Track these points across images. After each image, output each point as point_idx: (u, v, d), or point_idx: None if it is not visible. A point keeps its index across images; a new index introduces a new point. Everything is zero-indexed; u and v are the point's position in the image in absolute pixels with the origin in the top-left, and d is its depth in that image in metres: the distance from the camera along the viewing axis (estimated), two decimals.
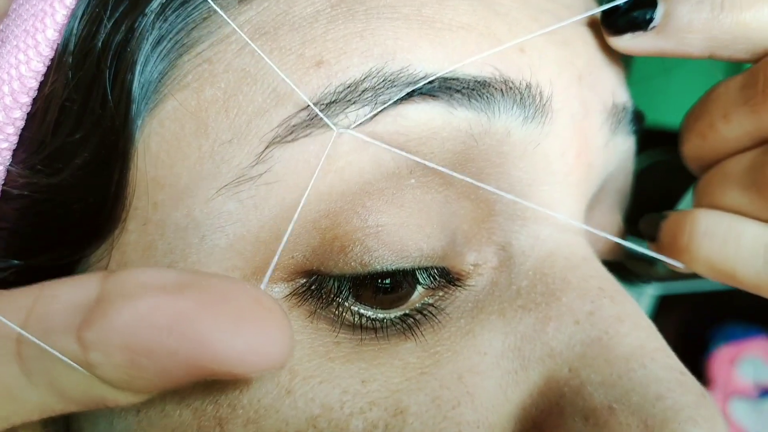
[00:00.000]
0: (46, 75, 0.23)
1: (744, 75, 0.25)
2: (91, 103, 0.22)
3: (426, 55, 0.22)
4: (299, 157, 0.21)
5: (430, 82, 0.21)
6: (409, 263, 0.22)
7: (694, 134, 0.27)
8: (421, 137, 0.22)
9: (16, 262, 0.23)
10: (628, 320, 0.22)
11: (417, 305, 0.23)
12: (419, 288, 0.23)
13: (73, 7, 0.22)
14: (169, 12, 0.22)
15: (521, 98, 0.23)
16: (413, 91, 0.21)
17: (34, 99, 0.23)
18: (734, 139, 0.26)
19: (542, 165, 0.24)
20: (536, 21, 0.24)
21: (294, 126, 0.21)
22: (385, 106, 0.21)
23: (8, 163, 0.23)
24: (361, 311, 0.22)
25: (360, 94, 0.21)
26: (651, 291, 1.04)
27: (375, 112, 0.21)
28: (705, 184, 0.27)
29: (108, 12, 0.22)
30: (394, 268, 0.22)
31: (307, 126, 0.21)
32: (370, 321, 0.22)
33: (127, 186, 0.22)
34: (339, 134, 0.21)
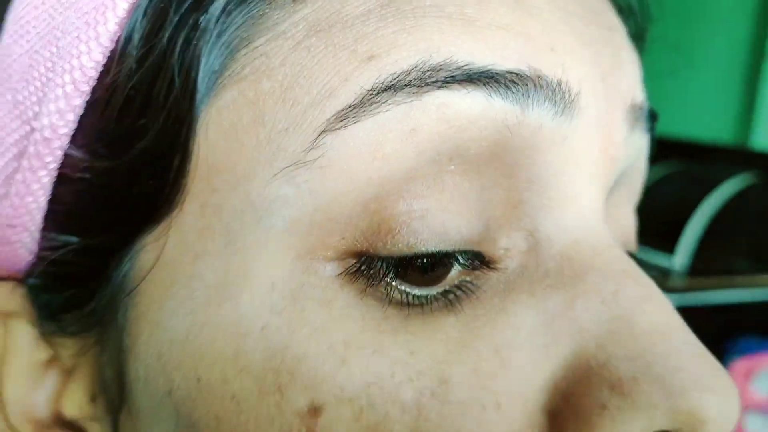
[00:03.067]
0: (107, 65, 0.24)
1: None
2: (155, 93, 0.23)
3: (468, 47, 0.23)
4: (349, 143, 0.22)
5: (471, 73, 0.23)
6: (450, 246, 0.23)
7: None
8: (461, 125, 0.23)
9: (74, 239, 0.24)
10: (651, 300, 0.24)
11: (456, 282, 0.24)
12: (456, 267, 0.24)
13: (133, 1, 0.24)
14: (231, 8, 0.23)
15: (552, 94, 0.24)
16: (455, 78, 0.23)
17: (93, 88, 0.24)
18: None
19: (570, 157, 0.25)
20: (566, 23, 0.25)
21: (345, 115, 0.22)
22: (427, 91, 0.22)
23: (67, 148, 0.24)
24: (407, 289, 0.23)
25: (408, 84, 0.22)
26: None
27: (419, 97, 0.22)
28: None
29: (173, 8, 0.23)
30: (436, 250, 0.23)
31: (355, 115, 0.22)
32: (414, 297, 0.23)
33: (186, 172, 0.23)
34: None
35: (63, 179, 0.24)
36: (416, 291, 0.23)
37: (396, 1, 0.23)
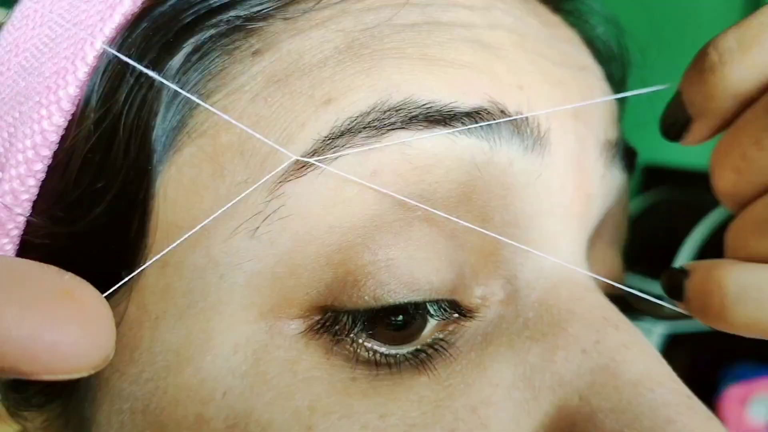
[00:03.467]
0: (68, 129, 0.24)
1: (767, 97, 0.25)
2: (113, 155, 0.23)
3: (429, 86, 0.23)
4: (309, 189, 0.22)
5: (431, 111, 0.22)
6: (420, 296, 0.22)
7: (726, 169, 0.26)
8: (425, 165, 0.22)
9: None
10: (634, 347, 0.23)
11: (428, 340, 0.23)
12: (431, 322, 0.23)
13: (94, 64, 0.24)
14: (188, 66, 0.23)
15: (519, 129, 0.23)
16: (416, 117, 0.22)
17: (55, 152, 0.24)
18: None
19: (545, 196, 0.24)
20: (534, 63, 0.25)
21: (302, 162, 0.22)
22: (387, 132, 0.22)
23: (29, 214, 0.24)
24: (375, 347, 0.22)
25: (366, 125, 0.22)
26: (659, 330, 1.03)
27: (379, 141, 0.22)
28: (736, 231, 0.26)
29: (130, 68, 0.23)
30: (405, 301, 0.22)
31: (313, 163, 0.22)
32: (384, 357, 0.22)
33: (146, 232, 0.23)
34: (295, 161, 0.22)
35: (26, 245, 0.24)
36: (384, 350, 0.22)
37: (354, 47, 0.23)
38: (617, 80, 0.34)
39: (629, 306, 0.30)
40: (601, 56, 0.32)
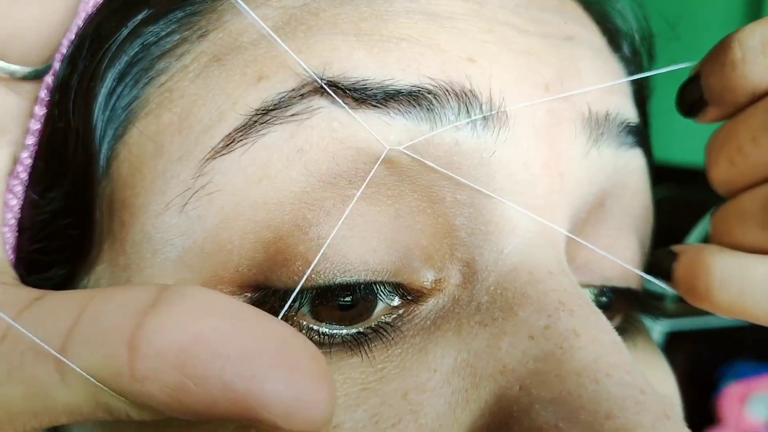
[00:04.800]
0: (45, 117, 0.24)
1: None
2: (70, 135, 0.24)
3: (362, 63, 0.22)
4: (235, 166, 0.22)
5: (365, 90, 0.22)
6: (353, 277, 0.22)
7: (722, 158, 0.27)
8: (357, 147, 0.22)
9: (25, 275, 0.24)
10: (585, 334, 0.21)
11: (373, 324, 0.22)
12: (380, 305, 0.23)
13: (65, 53, 0.24)
14: (131, 48, 0.24)
15: (467, 107, 0.23)
16: (347, 95, 0.22)
17: (36, 140, 0.24)
18: (764, 165, 0.25)
19: (502, 174, 0.23)
20: (489, 32, 0.24)
21: (231, 138, 0.22)
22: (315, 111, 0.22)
23: (21, 199, 0.24)
24: (312, 326, 0.22)
25: (296, 102, 0.22)
26: (660, 328, 1.03)
27: (306, 117, 0.22)
28: (722, 219, 0.27)
29: (82, 55, 0.24)
30: (337, 282, 0.22)
31: (242, 138, 0.22)
32: (318, 335, 0.22)
33: (94, 209, 0.24)
34: (388, 151, 0.22)
35: (20, 227, 0.25)
36: (323, 329, 0.22)
37: (290, 24, 0.23)
38: (638, 59, 0.32)
39: (634, 301, 0.30)
40: (617, 32, 0.31)
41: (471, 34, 0.24)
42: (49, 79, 0.24)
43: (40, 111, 0.24)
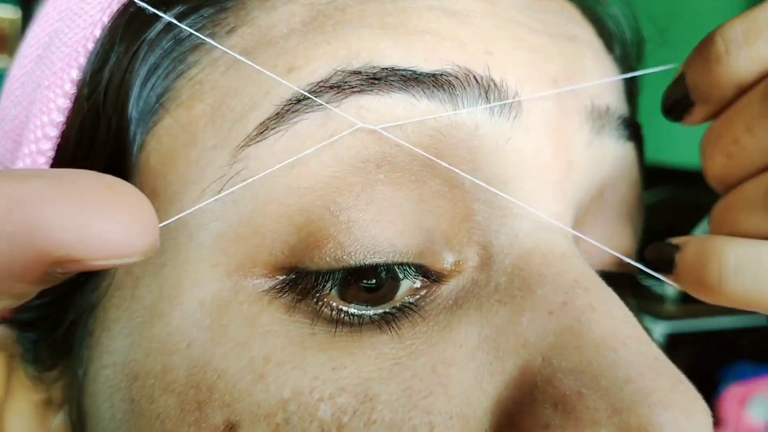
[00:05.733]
0: (71, 109, 0.25)
1: (765, 83, 0.25)
2: (100, 129, 0.24)
3: (389, 52, 0.23)
4: (269, 152, 0.22)
5: (391, 75, 0.23)
6: (382, 258, 0.23)
7: (717, 152, 0.27)
8: (386, 129, 0.23)
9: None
10: (601, 308, 0.22)
11: (397, 304, 0.23)
12: (403, 286, 0.23)
13: (92, 48, 0.25)
14: (165, 41, 0.24)
15: (486, 92, 0.24)
16: (374, 82, 0.23)
17: (61, 131, 0.25)
18: (762, 153, 0.25)
19: (516, 160, 0.24)
20: (504, 30, 0.25)
21: (265, 126, 0.23)
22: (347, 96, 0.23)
23: None
24: (341, 307, 0.23)
25: (326, 91, 0.23)
26: (659, 329, 1.03)
27: (337, 103, 0.23)
28: (723, 210, 0.27)
29: (115, 46, 0.25)
30: (367, 263, 0.23)
31: (275, 126, 0.23)
32: (348, 316, 0.23)
33: None
34: (355, 130, 0.23)
35: None
36: (353, 309, 0.23)
37: (318, 19, 0.24)
38: (628, 61, 0.33)
39: (631, 287, 0.30)
40: (610, 35, 0.32)
41: (487, 30, 0.25)
42: (73, 72, 0.25)
43: (65, 104, 0.25)
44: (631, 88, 0.31)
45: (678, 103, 0.27)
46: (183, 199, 0.23)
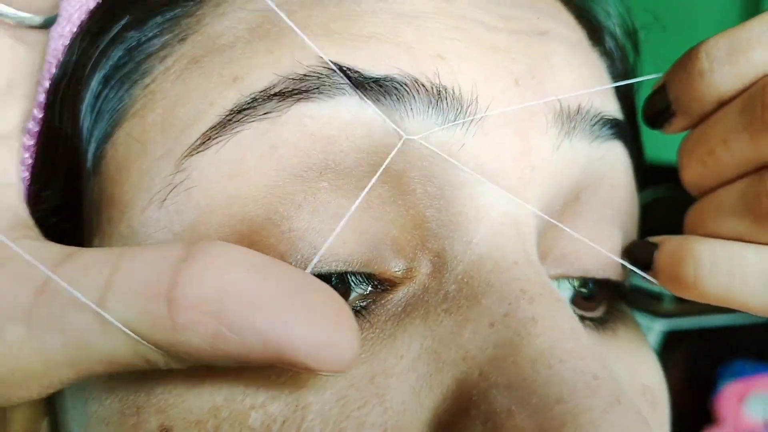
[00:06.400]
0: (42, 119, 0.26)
1: (742, 99, 0.25)
2: (59, 137, 0.25)
3: (332, 59, 0.23)
4: (210, 162, 0.23)
5: (335, 81, 0.23)
6: (324, 268, 0.22)
7: (694, 160, 0.28)
8: (329, 135, 0.23)
9: None
10: (543, 321, 0.22)
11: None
12: (354, 292, 0.23)
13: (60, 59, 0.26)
14: (115, 53, 0.25)
15: (437, 100, 0.23)
16: (318, 89, 0.23)
17: (36, 141, 0.25)
18: (735, 165, 0.26)
19: (471, 166, 0.24)
20: (459, 30, 0.25)
21: (207, 136, 0.23)
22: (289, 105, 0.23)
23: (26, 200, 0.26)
24: None
25: (268, 101, 0.23)
26: (658, 327, 1.03)
27: (280, 113, 0.23)
28: (697, 213, 0.28)
29: (72, 57, 0.25)
30: (310, 272, 0.22)
31: (217, 136, 0.23)
32: None
33: (83, 207, 0.25)
34: (405, 141, 0.23)
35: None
36: None
37: (264, 26, 0.24)
38: (621, 53, 0.33)
39: (617, 292, 0.30)
40: (599, 27, 0.32)
41: (438, 32, 0.24)
42: (46, 83, 0.25)
43: (39, 114, 0.25)
44: (624, 86, 0.31)
45: (659, 113, 0.28)
46: (133, 207, 0.23)
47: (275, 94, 0.23)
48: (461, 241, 0.23)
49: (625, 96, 0.31)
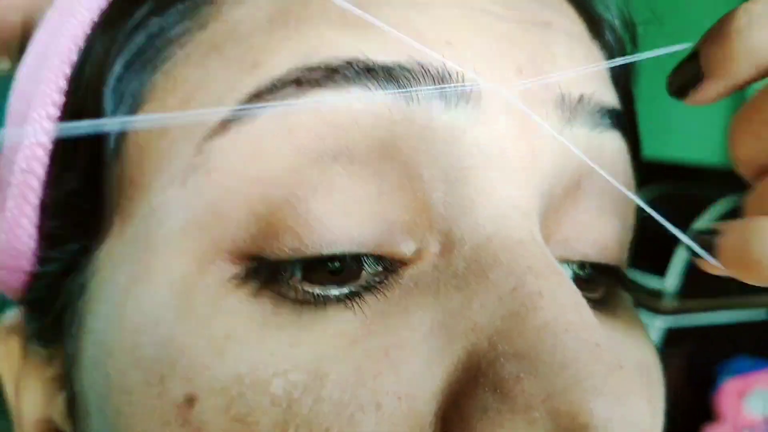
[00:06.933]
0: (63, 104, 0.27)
1: None
2: (84, 118, 0.26)
3: (347, 47, 0.24)
4: (232, 145, 0.23)
5: (347, 69, 0.23)
6: (339, 249, 0.23)
7: (748, 135, 0.26)
8: (342, 123, 0.23)
9: (49, 253, 0.27)
10: (549, 294, 0.23)
11: (363, 283, 0.24)
12: (366, 270, 0.24)
13: (81, 45, 0.27)
14: (138, 38, 0.26)
15: (441, 84, 0.24)
16: (332, 77, 0.23)
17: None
18: None
19: (473, 151, 0.24)
20: (466, 18, 0.25)
21: (228, 119, 0.24)
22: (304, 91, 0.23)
23: (41, 180, 0.27)
24: (306, 288, 0.23)
25: (287, 86, 0.24)
26: (658, 324, 1.04)
27: (297, 98, 0.23)
28: (759, 198, 0.26)
29: (95, 42, 0.26)
30: (326, 253, 0.23)
31: (236, 120, 0.24)
32: (312, 297, 0.23)
33: (105, 187, 0.26)
34: (509, 92, 0.24)
35: (43, 205, 0.28)
36: (317, 290, 0.23)
37: (283, 14, 0.25)
38: (620, 46, 0.33)
39: (614, 276, 0.30)
40: (598, 19, 0.32)
41: (448, 20, 0.25)
42: (65, 68, 0.26)
43: (60, 99, 0.26)
44: (622, 76, 0.31)
45: (688, 82, 0.27)
46: (155, 187, 0.24)
47: (292, 81, 0.23)
48: (468, 222, 0.24)
49: (623, 88, 0.32)
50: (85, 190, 0.26)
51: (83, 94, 0.26)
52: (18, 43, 0.35)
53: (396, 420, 0.22)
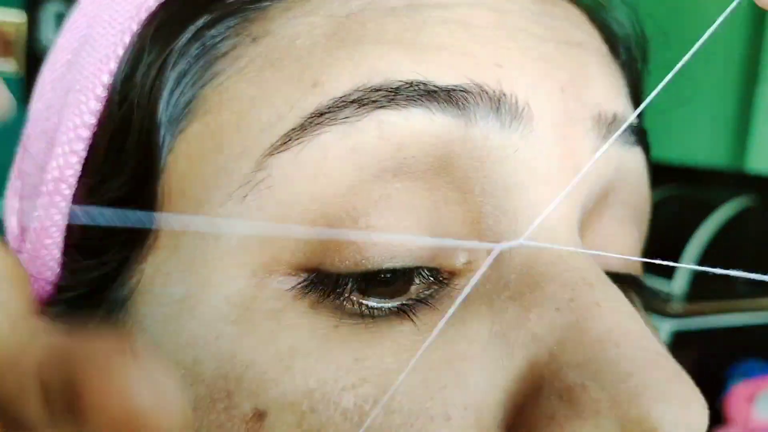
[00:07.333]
0: (102, 112, 0.27)
1: None
2: (131, 132, 0.26)
3: (407, 68, 0.24)
4: (292, 161, 0.24)
5: (410, 90, 0.24)
6: (399, 263, 0.24)
7: None
8: (402, 142, 0.24)
9: (81, 265, 0.27)
10: (606, 305, 0.23)
11: (414, 296, 0.24)
12: (416, 283, 0.25)
13: (122, 53, 0.27)
14: (193, 49, 0.26)
15: (497, 107, 0.25)
16: (393, 98, 0.24)
17: (93, 133, 0.27)
18: None
19: (524, 168, 0.25)
20: (514, 40, 0.26)
21: (288, 137, 0.24)
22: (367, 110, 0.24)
23: (74, 189, 0.27)
24: (362, 301, 0.24)
25: (347, 106, 0.24)
26: (667, 327, 1.03)
27: (359, 117, 0.24)
28: None
29: (146, 51, 0.26)
30: (385, 267, 0.24)
31: (298, 137, 0.24)
32: (369, 309, 0.24)
33: (155, 199, 0.26)
34: (517, 246, 0.24)
35: (72, 217, 0.27)
36: (373, 303, 0.24)
37: (340, 33, 0.25)
38: (633, 64, 0.33)
39: (635, 286, 0.31)
40: (616, 39, 0.33)
41: (497, 42, 0.26)
42: (104, 77, 0.26)
43: (96, 106, 0.26)
44: (636, 91, 0.32)
45: None
46: (211, 202, 0.24)
47: (354, 101, 0.24)
48: (518, 233, 0.25)
49: (636, 102, 0.32)
50: (129, 200, 0.26)
51: (131, 104, 0.26)
52: (23, 45, 0.35)
53: (465, 431, 0.22)
